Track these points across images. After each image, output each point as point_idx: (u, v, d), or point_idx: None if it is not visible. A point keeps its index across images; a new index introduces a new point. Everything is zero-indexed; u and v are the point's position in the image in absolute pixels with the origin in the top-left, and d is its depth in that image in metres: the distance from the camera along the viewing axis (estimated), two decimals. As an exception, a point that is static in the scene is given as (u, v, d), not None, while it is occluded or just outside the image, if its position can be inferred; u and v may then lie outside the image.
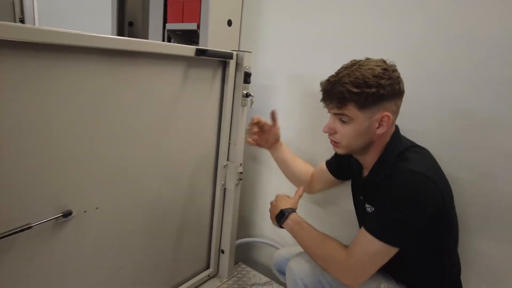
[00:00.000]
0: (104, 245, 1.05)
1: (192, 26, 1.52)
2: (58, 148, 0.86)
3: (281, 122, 1.51)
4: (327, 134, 0.94)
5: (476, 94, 1.00)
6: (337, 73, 0.87)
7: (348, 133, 0.87)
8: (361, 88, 0.81)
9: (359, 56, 0.91)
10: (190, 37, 1.70)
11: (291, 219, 0.99)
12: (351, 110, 0.84)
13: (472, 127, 1.02)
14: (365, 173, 0.99)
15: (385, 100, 0.84)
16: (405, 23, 1.11)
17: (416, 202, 0.80)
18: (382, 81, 0.81)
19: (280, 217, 1.01)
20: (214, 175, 1.39)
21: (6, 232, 0.78)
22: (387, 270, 0.94)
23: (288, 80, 1.47)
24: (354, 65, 0.85)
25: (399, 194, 0.81)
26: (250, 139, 1.24)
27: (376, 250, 0.82)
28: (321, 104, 0.92)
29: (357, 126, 0.85)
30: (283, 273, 1.16)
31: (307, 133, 1.43)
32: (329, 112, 0.92)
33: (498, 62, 0.96)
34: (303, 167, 1.27)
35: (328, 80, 0.88)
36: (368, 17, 1.20)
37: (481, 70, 0.98)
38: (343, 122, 0.87)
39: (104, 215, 1.02)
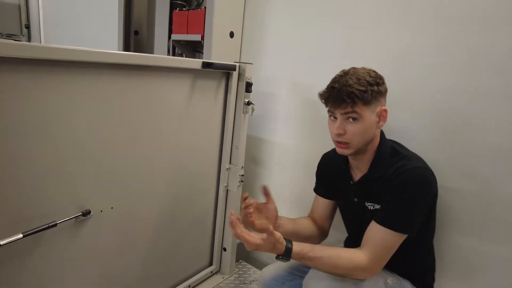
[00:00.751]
0: (118, 242, 1.15)
1: (196, 37, 1.62)
2: (79, 154, 0.96)
3: (281, 128, 1.62)
4: (336, 137, 0.99)
5: (458, 98, 1.11)
6: (337, 81, 0.96)
7: (358, 130, 0.96)
8: (366, 87, 0.93)
9: (356, 64, 1.02)
10: (194, 47, 1.80)
11: (294, 257, 0.95)
12: (360, 107, 0.94)
13: (454, 128, 1.13)
14: (357, 173, 1.08)
15: (381, 96, 0.97)
16: (396, 34, 1.22)
17: (426, 194, 0.94)
18: (378, 80, 0.95)
19: (285, 260, 0.96)
20: (218, 177, 1.49)
21: (36, 228, 0.87)
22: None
23: (287, 88, 1.57)
24: (349, 72, 0.97)
25: (412, 190, 0.93)
26: (248, 219, 1.07)
27: (393, 241, 0.94)
28: (319, 110, 1.00)
29: (365, 122, 0.95)
30: None
31: (306, 137, 1.53)
32: (334, 116, 0.98)
33: (476, 69, 1.07)
34: (308, 226, 1.20)
35: (332, 87, 0.96)
36: (363, 29, 1.30)
37: (462, 76, 1.10)
38: (353, 120, 0.95)
39: (118, 214, 1.11)
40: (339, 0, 1.35)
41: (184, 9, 1.70)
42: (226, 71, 1.34)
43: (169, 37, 1.77)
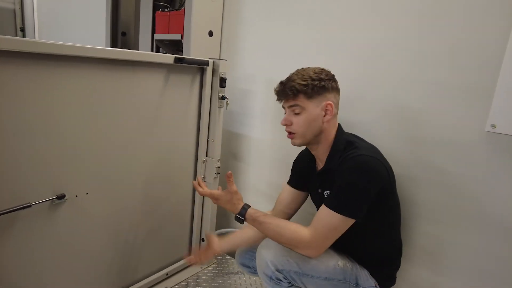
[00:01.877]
0: (94, 228, 1.20)
1: (176, 36, 1.70)
2: (56, 140, 1.02)
3: (258, 123, 1.69)
4: (285, 127, 1.11)
5: (411, 93, 1.18)
6: (286, 78, 1.08)
7: (302, 122, 1.05)
8: (307, 81, 1.03)
9: (325, 61, 1.12)
10: (177, 46, 1.87)
11: (248, 219, 1.07)
12: (302, 100, 1.04)
13: (407, 120, 1.20)
14: (320, 165, 1.16)
15: (326, 91, 1.05)
16: (365, 34, 1.30)
17: (368, 179, 0.98)
18: (322, 76, 1.05)
19: (240, 220, 1.09)
20: (195, 170, 1.55)
21: (10, 208, 0.94)
22: (341, 249, 1.09)
23: (264, 84, 1.64)
24: (298, 70, 1.08)
25: (353, 174, 0.98)
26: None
27: (336, 223, 0.99)
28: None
29: (308, 114, 1.05)
30: (245, 265, 1.28)
31: (281, 133, 1.59)
32: (284, 107, 1.11)
33: (427, 67, 1.14)
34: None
35: (280, 82, 1.09)
36: (331, 30, 1.39)
37: (414, 73, 1.17)
38: (297, 114, 1.06)
39: (93, 200, 1.17)
40: (314, 0, 1.43)
41: (166, 10, 1.78)
42: (199, 66, 1.41)
43: (153, 38, 1.85)
